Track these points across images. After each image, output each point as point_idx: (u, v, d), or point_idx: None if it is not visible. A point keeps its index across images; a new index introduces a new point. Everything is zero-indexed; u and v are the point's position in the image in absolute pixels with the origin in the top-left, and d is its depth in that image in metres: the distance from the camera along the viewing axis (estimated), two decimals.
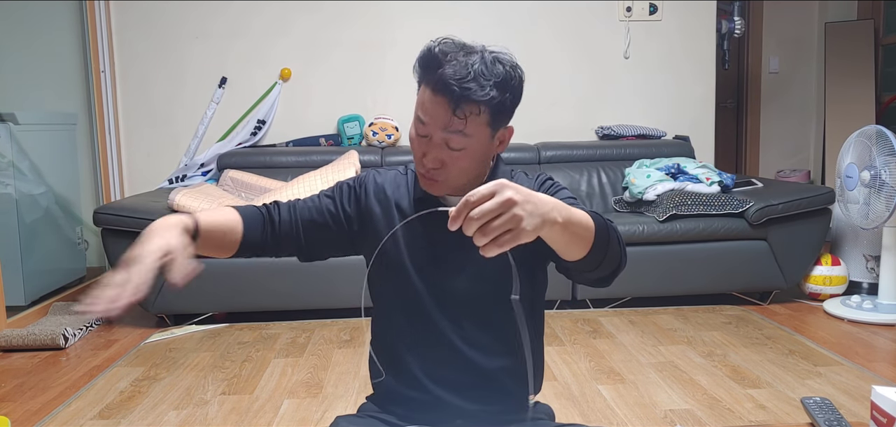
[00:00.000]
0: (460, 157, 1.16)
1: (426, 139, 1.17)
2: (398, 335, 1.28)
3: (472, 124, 1.14)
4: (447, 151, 1.16)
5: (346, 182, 1.33)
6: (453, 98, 1.11)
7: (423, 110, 1.16)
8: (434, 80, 1.13)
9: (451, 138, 1.14)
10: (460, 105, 1.12)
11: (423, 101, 1.16)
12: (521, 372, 1.31)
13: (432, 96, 1.13)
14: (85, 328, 3.22)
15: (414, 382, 1.26)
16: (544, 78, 4.39)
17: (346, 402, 2.41)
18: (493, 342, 1.26)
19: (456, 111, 1.12)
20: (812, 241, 3.44)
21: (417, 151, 1.19)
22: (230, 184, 3.78)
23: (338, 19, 4.27)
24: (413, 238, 1.26)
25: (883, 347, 2.87)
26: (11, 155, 3.42)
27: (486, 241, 0.89)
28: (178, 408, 2.39)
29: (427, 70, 1.15)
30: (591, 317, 3.34)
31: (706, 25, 4.46)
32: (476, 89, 1.11)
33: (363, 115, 4.27)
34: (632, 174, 3.79)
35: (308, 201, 1.31)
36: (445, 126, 1.14)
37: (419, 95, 1.18)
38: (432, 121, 1.14)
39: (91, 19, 4.09)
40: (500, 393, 1.28)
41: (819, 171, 5.80)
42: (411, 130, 1.20)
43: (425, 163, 1.18)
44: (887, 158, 3.04)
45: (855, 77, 5.32)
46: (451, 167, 1.17)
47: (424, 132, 1.16)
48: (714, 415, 2.24)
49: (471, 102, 1.12)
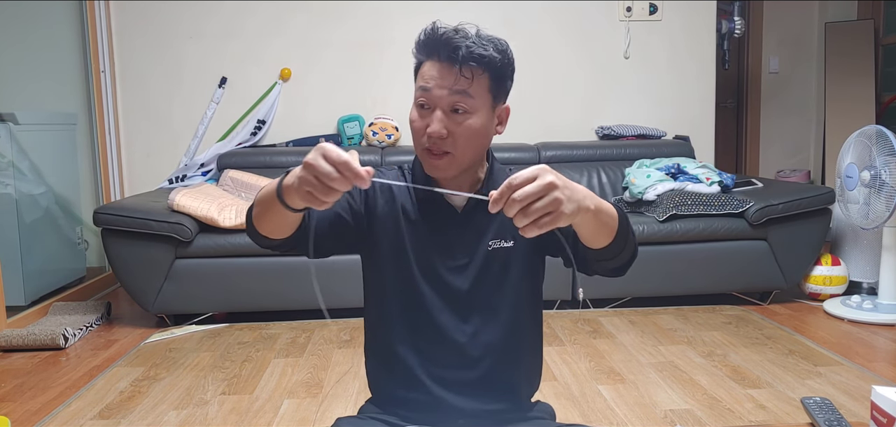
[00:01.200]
0: (466, 125, 1.17)
1: (429, 110, 1.18)
2: (399, 335, 1.27)
3: (476, 86, 1.16)
4: (453, 119, 1.16)
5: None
6: (458, 57, 1.14)
7: (426, 79, 1.18)
8: (439, 46, 1.16)
9: (458, 100, 1.16)
10: (466, 62, 1.15)
11: (425, 73, 1.18)
12: (523, 370, 1.32)
13: (437, 64, 1.17)
14: (85, 328, 3.22)
15: (415, 383, 1.26)
16: (544, 78, 4.39)
17: (346, 402, 2.41)
18: (497, 341, 1.26)
19: (462, 68, 1.15)
20: (812, 241, 3.44)
21: (420, 126, 1.19)
22: (230, 184, 3.78)
23: (338, 19, 4.27)
24: (417, 236, 1.25)
25: (883, 347, 2.87)
26: (11, 155, 3.42)
27: (526, 222, 0.93)
28: (178, 408, 2.39)
29: (429, 44, 1.18)
30: (591, 317, 3.34)
31: (706, 25, 4.46)
32: (477, 47, 1.16)
33: (363, 115, 4.27)
34: (632, 174, 3.79)
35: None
36: (451, 86, 1.15)
37: (420, 75, 1.20)
38: (437, 84, 1.16)
39: (91, 19, 4.09)
40: (502, 391, 1.28)
41: (819, 171, 5.80)
42: (411, 114, 1.21)
43: (431, 132, 1.16)
44: (887, 158, 3.04)
45: (855, 77, 5.32)
46: (457, 137, 1.17)
47: (428, 100, 1.17)
48: (714, 415, 2.24)
49: (474, 58, 1.15)
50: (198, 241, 3.22)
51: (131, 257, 3.21)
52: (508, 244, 1.25)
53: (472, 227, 1.26)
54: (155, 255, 3.19)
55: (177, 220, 3.17)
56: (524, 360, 1.32)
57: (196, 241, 3.22)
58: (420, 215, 1.26)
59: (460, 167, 1.20)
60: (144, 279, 3.22)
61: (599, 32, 4.40)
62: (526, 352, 1.32)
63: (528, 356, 1.33)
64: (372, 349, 1.35)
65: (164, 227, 3.16)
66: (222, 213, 3.25)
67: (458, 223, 1.26)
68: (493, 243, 1.25)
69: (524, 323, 1.30)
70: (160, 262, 3.20)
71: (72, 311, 3.41)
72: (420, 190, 1.27)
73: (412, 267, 1.25)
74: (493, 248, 1.25)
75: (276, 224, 1.12)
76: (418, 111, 1.19)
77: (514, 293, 1.26)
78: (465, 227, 1.26)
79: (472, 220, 1.26)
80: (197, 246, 3.22)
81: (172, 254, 3.21)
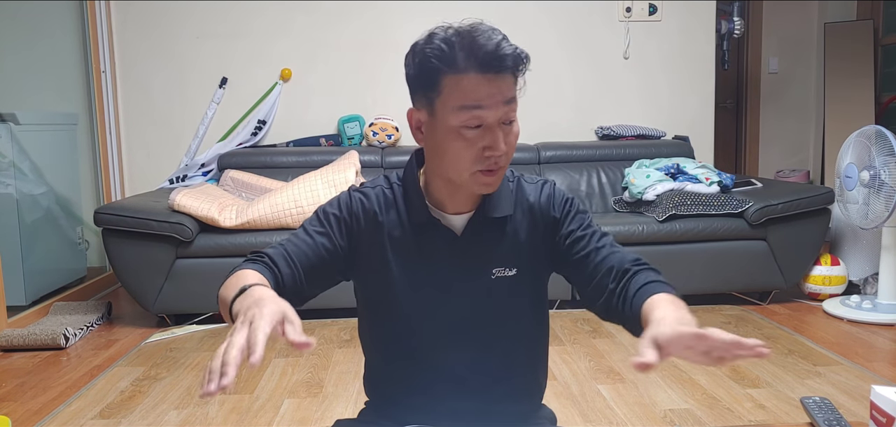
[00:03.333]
0: (514, 134, 1.08)
1: (480, 130, 1.04)
2: (391, 363, 1.21)
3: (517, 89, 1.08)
4: (504, 130, 1.05)
5: (331, 212, 1.17)
6: (509, 64, 1.03)
7: (475, 97, 1.02)
8: (482, 57, 1.01)
9: (509, 111, 1.05)
10: (516, 68, 1.04)
11: (469, 89, 1.02)
12: (526, 396, 1.25)
13: (483, 77, 1.02)
14: (85, 328, 3.22)
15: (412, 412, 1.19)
16: (544, 78, 4.40)
17: (346, 402, 2.41)
18: (500, 371, 1.19)
19: (515, 76, 1.05)
20: (811, 241, 3.45)
21: (472, 150, 1.04)
22: (230, 184, 3.79)
23: (338, 19, 4.28)
24: (408, 265, 1.15)
25: (882, 347, 2.88)
26: (12, 155, 3.42)
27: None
28: (178, 407, 2.39)
29: (467, 57, 1.02)
30: (591, 317, 3.34)
31: (706, 25, 4.47)
32: (518, 49, 1.05)
33: (363, 115, 4.27)
34: (631, 174, 3.79)
35: (302, 246, 1.14)
36: (505, 97, 1.04)
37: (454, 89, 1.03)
38: (491, 100, 1.02)
39: (91, 19, 4.09)
40: (504, 417, 1.21)
41: (818, 171, 5.80)
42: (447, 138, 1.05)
43: (495, 154, 1.04)
44: (886, 158, 3.05)
45: (854, 77, 5.32)
46: (509, 148, 1.07)
47: (480, 121, 1.03)
48: (713, 414, 2.24)
49: (523, 60, 1.05)
50: (198, 240, 3.22)
51: (132, 257, 3.21)
52: (512, 272, 1.15)
53: (473, 254, 1.15)
54: (155, 255, 3.20)
55: (177, 220, 3.18)
56: (527, 386, 1.26)
57: (197, 241, 3.22)
58: (413, 241, 1.15)
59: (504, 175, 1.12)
60: (145, 279, 3.22)
61: (599, 33, 4.41)
62: (530, 378, 1.25)
63: (532, 382, 1.26)
64: (367, 367, 1.29)
65: (164, 227, 3.16)
66: (223, 213, 3.25)
67: (458, 249, 1.15)
68: (498, 271, 1.15)
69: (529, 350, 1.24)
70: (161, 262, 3.20)
71: (72, 311, 3.42)
72: (414, 212, 1.15)
73: (401, 301, 1.15)
74: (497, 277, 1.15)
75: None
76: (466, 135, 1.03)
77: (519, 322, 1.19)
78: (465, 253, 1.15)
79: (473, 245, 1.15)
80: (197, 246, 3.22)
81: (173, 254, 3.21)
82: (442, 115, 1.05)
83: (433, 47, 1.04)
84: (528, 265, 1.18)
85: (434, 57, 1.04)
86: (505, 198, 1.17)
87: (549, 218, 1.18)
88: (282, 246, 1.14)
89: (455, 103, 1.03)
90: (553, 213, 1.19)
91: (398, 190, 1.18)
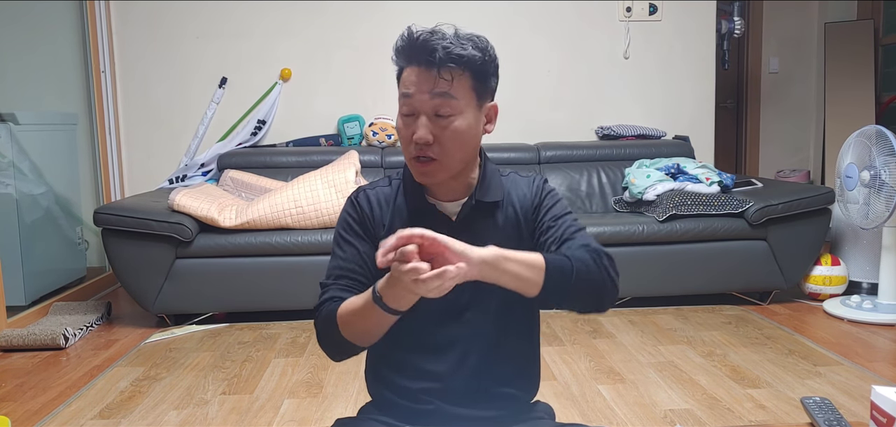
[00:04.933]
0: (451, 129, 1.16)
1: (413, 117, 1.17)
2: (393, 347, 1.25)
3: (458, 86, 1.15)
4: (437, 123, 1.16)
5: (347, 220, 1.27)
6: (435, 59, 1.14)
7: (407, 85, 1.17)
8: (416, 51, 1.15)
9: (440, 104, 1.15)
10: (444, 64, 1.14)
11: (405, 80, 1.18)
12: (522, 377, 1.31)
13: (416, 69, 1.16)
14: (85, 328, 3.22)
15: (412, 394, 1.25)
16: (544, 78, 4.40)
17: (346, 402, 2.41)
18: (495, 351, 1.25)
19: (441, 70, 1.14)
20: (812, 241, 3.44)
21: (406, 135, 1.18)
22: (230, 184, 3.79)
23: (338, 19, 4.28)
24: None
25: (883, 347, 2.87)
26: (12, 155, 3.42)
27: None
28: (178, 408, 2.39)
29: (406, 50, 1.17)
30: (591, 317, 3.34)
31: (706, 26, 4.47)
32: (455, 47, 1.15)
33: (363, 115, 4.27)
34: (632, 174, 3.79)
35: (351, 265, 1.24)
36: (432, 89, 1.14)
37: (401, 82, 1.19)
38: (418, 89, 1.15)
39: (91, 19, 4.09)
40: (501, 399, 1.27)
41: (819, 171, 5.80)
42: (397, 123, 1.21)
43: (417, 138, 1.16)
44: (887, 158, 3.04)
45: (855, 77, 5.32)
46: (444, 142, 1.16)
47: (411, 108, 1.17)
48: (714, 415, 2.24)
49: (452, 59, 1.14)
50: (198, 241, 3.22)
51: (131, 257, 3.21)
52: None
53: (467, 238, 1.18)
54: (155, 255, 3.20)
55: (177, 220, 3.17)
56: (523, 367, 1.31)
57: (196, 241, 3.22)
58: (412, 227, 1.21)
59: (450, 171, 1.19)
60: (145, 279, 3.22)
61: (599, 32, 4.41)
62: (524, 359, 1.31)
63: (526, 363, 1.32)
64: (370, 357, 1.34)
65: (164, 227, 3.16)
66: (222, 213, 3.25)
67: (453, 233, 1.19)
68: None
69: (522, 331, 1.29)
70: (160, 262, 3.20)
71: (72, 311, 3.41)
72: (411, 199, 1.25)
73: None
74: None
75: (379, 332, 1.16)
76: (403, 120, 1.19)
77: (511, 303, 1.22)
78: (459, 237, 1.18)
79: (467, 228, 1.22)
80: (197, 246, 3.22)
81: (173, 254, 3.21)
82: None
83: (398, 43, 1.20)
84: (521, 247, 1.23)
85: (395, 54, 1.20)
86: (495, 185, 1.27)
87: (532, 206, 1.27)
88: (339, 274, 1.24)
89: (399, 93, 1.20)
90: (535, 200, 1.28)
91: (397, 184, 1.29)
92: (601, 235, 3.37)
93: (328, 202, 3.33)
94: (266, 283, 3.28)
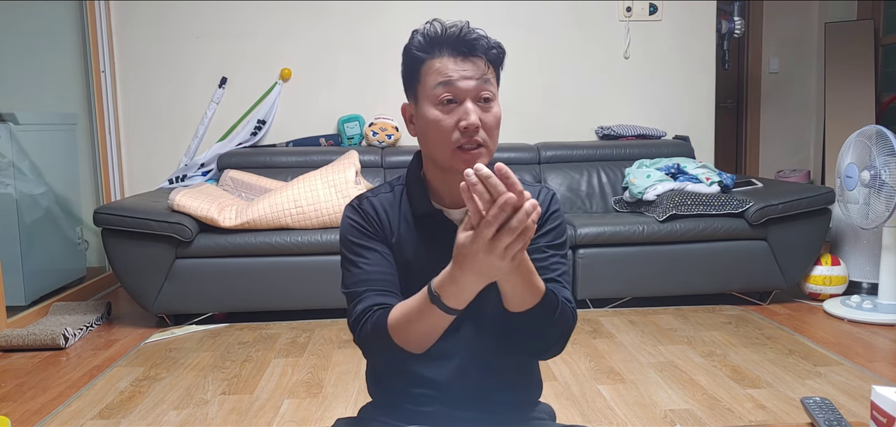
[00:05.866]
0: (493, 113, 1.16)
1: (455, 105, 1.14)
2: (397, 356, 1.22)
3: (492, 74, 1.17)
4: (482, 108, 1.15)
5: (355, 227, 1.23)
6: (479, 46, 1.15)
7: (448, 72, 1.13)
8: (453, 42, 1.15)
9: (484, 87, 1.15)
10: (488, 51, 1.16)
11: (442, 68, 1.14)
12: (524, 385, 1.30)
13: (452, 58, 1.14)
14: (85, 328, 3.22)
15: (415, 397, 1.24)
16: (544, 78, 4.40)
17: (346, 402, 2.41)
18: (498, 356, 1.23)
19: (488, 56, 1.16)
20: (812, 241, 3.44)
21: (449, 124, 1.13)
22: (230, 184, 3.78)
23: (338, 19, 4.28)
24: (412, 252, 1.22)
25: (883, 347, 2.87)
26: (11, 155, 3.42)
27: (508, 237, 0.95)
28: (178, 408, 2.39)
29: (438, 40, 1.16)
30: (591, 317, 3.34)
31: (706, 25, 4.47)
32: (485, 37, 1.17)
33: (363, 115, 4.27)
34: (632, 174, 3.79)
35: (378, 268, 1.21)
36: (479, 74, 1.14)
37: (430, 71, 1.15)
38: (462, 75, 1.13)
39: (91, 19, 4.09)
40: (503, 405, 1.26)
41: (819, 171, 5.80)
42: (433, 115, 1.14)
43: (469, 124, 1.12)
44: (887, 158, 3.04)
45: (855, 77, 5.32)
46: (489, 126, 1.16)
47: (453, 93, 1.13)
48: (714, 415, 2.24)
49: (492, 46, 1.16)
50: (198, 241, 3.22)
51: (131, 257, 3.21)
52: None
53: None
54: (155, 255, 3.20)
55: (177, 220, 3.17)
56: (523, 375, 1.30)
57: (196, 241, 3.22)
58: (417, 233, 1.22)
59: (490, 158, 1.17)
60: (144, 279, 3.22)
61: (599, 32, 4.40)
62: (524, 367, 1.30)
63: (526, 371, 1.31)
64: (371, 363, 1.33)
65: (164, 227, 3.16)
66: (222, 213, 3.25)
67: None
68: None
69: None
70: (160, 262, 3.20)
71: (72, 311, 3.41)
72: (417, 205, 1.22)
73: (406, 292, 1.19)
74: None
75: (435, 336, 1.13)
76: (443, 109, 1.14)
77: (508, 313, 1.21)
78: None
79: None
80: (197, 246, 3.22)
81: (172, 254, 3.21)
82: (422, 99, 1.17)
83: (414, 42, 1.17)
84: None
85: (414, 49, 1.17)
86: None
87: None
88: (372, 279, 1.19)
89: (432, 83, 1.15)
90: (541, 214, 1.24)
91: (399, 190, 1.26)
92: (601, 235, 3.37)
93: (328, 202, 3.33)
94: (266, 283, 3.28)
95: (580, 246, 3.37)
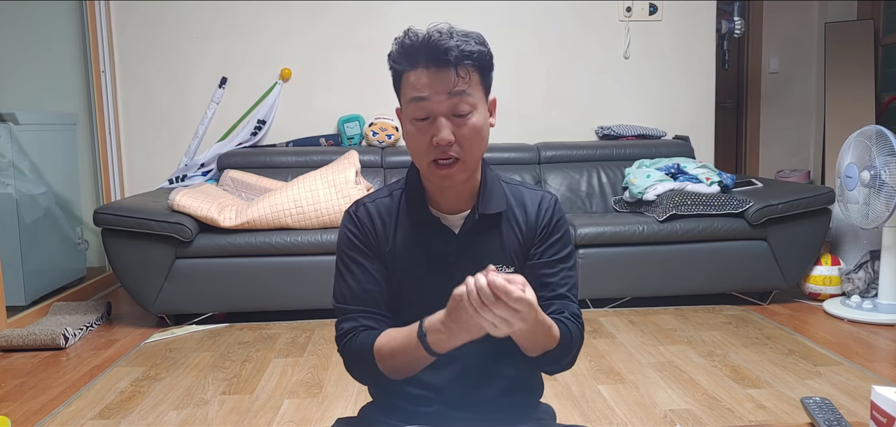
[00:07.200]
0: (470, 126, 1.13)
1: (428, 121, 1.13)
2: None
3: (472, 83, 1.13)
4: (456, 123, 1.13)
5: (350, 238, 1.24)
6: (451, 58, 1.10)
7: (419, 88, 1.12)
8: (426, 52, 1.11)
9: (458, 102, 1.12)
10: (461, 62, 1.11)
11: (416, 82, 1.13)
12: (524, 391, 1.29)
13: (426, 71, 1.12)
14: (85, 328, 3.22)
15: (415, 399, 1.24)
16: (544, 78, 4.40)
17: (346, 402, 2.41)
18: (497, 365, 1.23)
19: (458, 69, 1.11)
20: (812, 241, 3.44)
21: (422, 140, 1.13)
22: (230, 184, 3.78)
23: (338, 19, 4.28)
24: (412, 259, 1.22)
25: (883, 347, 2.87)
26: (11, 155, 3.42)
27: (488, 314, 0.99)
28: (178, 408, 2.39)
29: (412, 52, 1.13)
30: (591, 317, 3.34)
31: (706, 25, 4.47)
32: (464, 44, 1.12)
33: (363, 115, 4.27)
34: (632, 174, 3.79)
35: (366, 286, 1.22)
36: (449, 88, 1.11)
37: (407, 85, 1.14)
38: (434, 92, 1.11)
39: (91, 19, 4.09)
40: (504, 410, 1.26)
41: (819, 171, 5.80)
42: (408, 130, 1.16)
43: (439, 140, 1.11)
44: (887, 158, 3.04)
45: (855, 77, 5.32)
46: (464, 140, 1.13)
47: (426, 112, 1.12)
48: (714, 415, 2.24)
49: (466, 56, 1.11)
50: (198, 241, 3.22)
51: (131, 257, 3.21)
52: (510, 270, 1.17)
53: (472, 251, 1.20)
54: (155, 255, 3.20)
55: (177, 220, 3.17)
56: (523, 378, 1.29)
57: (196, 241, 3.22)
58: (415, 239, 1.22)
59: (469, 169, 1.17)
60: (145, 279, 3.22)
61: (599, 32, 4.40)
62: (524, 372, 1.28)
63: (527, 375, 1.30)
64: None
65: (164, 227, 3.16)
66: (222, 213, 3.25)
67: (457, 246, 1.21)
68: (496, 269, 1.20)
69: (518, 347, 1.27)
70: (160, 262, 3.20)
71: (72, 311, 3.41)
72: (415, 212, 1.22)
73: (407, 298, 1.21)
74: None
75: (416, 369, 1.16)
76: (417, 125, 1.14)
77: None
78: (463, 250, 1.21)
79: (471, 242, 1.21)
80: (197, 246, 3.22)
81: (172, 254, 3.21)
82: (403, 110, 1.17)
83: (394, 52, 1.16)
84: (524, 266, 1.24)
85: (394, 59, 1.17)
86: (497, 195, 1.24)
87: (538, 227, 1.24)
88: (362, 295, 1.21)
89: (407, 97, 1.14)
90: (544, 220, 1.25)
91: (398, 194, 1.25)
92: (601, 235, 3.37)
93: (328, 202, 3.33)
94: (266, 283, 3.28)
95: (580, 246, 3.37)
